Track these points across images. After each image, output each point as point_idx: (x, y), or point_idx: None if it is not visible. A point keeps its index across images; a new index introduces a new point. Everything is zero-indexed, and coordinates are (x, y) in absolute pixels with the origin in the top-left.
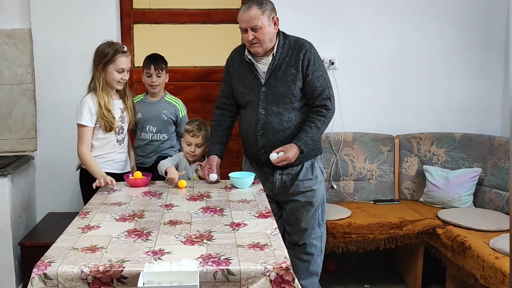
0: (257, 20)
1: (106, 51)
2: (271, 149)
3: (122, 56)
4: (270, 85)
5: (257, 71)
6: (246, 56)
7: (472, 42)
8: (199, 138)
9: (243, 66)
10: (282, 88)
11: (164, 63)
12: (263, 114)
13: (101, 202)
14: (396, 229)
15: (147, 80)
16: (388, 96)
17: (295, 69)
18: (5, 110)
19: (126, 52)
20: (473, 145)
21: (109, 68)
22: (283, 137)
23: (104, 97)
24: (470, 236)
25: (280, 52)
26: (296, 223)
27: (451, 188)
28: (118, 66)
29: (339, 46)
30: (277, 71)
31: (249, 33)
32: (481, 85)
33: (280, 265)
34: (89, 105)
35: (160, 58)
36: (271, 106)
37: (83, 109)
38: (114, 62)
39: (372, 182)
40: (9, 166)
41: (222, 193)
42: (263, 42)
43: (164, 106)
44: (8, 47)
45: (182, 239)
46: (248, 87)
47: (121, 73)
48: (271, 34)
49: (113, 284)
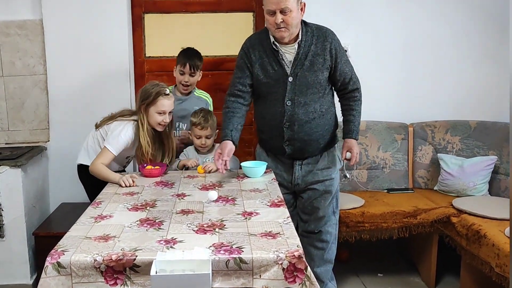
0: (288, 2)
1: (149, 93)
2: (296, 141)
3: (164, 98)
4: (297, 75)
5: (283, 59)
6: (273, 43)
7: (487, 28)
8: (208, 129)
9: (266, 54)
10: (310, 78)
11: (200, 60)
12: (289, 105)
13: (114, 192)
14: (410, 218)
15: (179, 78)
16: (401, 84)
17: (322, 58)
18: (17, 101)
19: (168, 94)
20: (489, 133)
21: (150, 110)
22: (308, 128)
23: (146, 139)
24: (485, 225)
25: (305, 40)
26: (313, 211)
27: (466, 176)
28: (159, 108)
29: (352, 34)
30: (304, 60)
31: (278, 16)
32: (496, 71)
33: (293, 253)
34: (128, 140)
35: (196, 55)
36: (298, 97)
37: (120, 141)
38: (155, 104)
39: (385, 171)
40: (22, 156)
41: (234, 182)
42: (290, 26)
43: (195, 102)
44: (20, 38)
45: (194, 228)
46: (272, 77)
47: (162, 115)
48: (298, 20)
49: (126, 273)
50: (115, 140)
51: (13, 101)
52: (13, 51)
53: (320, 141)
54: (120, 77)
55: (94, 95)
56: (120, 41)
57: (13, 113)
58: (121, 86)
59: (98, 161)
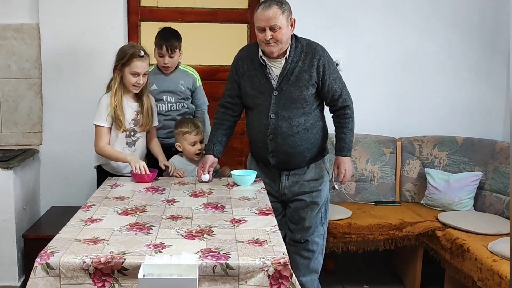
0: (277, 19)
1: (125, 53)
2: (280, 153)
3: (138, 60)
4: (282, 89)
5: (269, 74)
6: (261, 57)
7: (477, 46)
8: (200, 134)
9: (254, 67)
10: (294, 93)
11: (178, 39)
12: (273, 118)
13: (104, 196)
14: (396, 230)
15: (159, 61)
16: (391, 98)
17: (308, 75)
18: (11, 103)
19: (143, 56)
20: (475, 149)
21: (125, 70)
22: (292, 141)
23: (117, 98)
24: (469, 239)
25: (293, 56)
26: (300, 221)
27: (452, 191)
28: (133, 69)
29: (344, 47)
30: (290, 75)
31: (267, 33)
32: (485, 89)
33: (279, 260)
34: (105, 105)
35: (173, 35)
36: (282, 111)
37: (100, 110)
38: (129, 65)
39: (373, 184)
40: (14, 159)
41: (224, 190)
42: (280, 42)
43: (181, 76)
44: (16, 41)
45: (183, 233)
46: (259, 90)
47: (136, 76)
48: (288, 35)
49: (114, 276)
50: (97, 112)
51: (7, 103)
52: (8, 54)
53: (306, 154)
54: None
55: (88, 100)
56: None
57: (6, 115)
58: None
59: (99, 142)
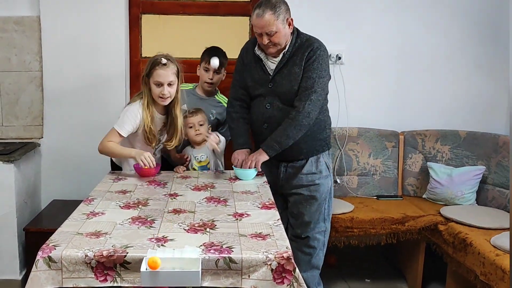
0: (272, 26)
1: (148, 63)
2: None
3: (160, 68)
4: (275, 81)
5: (265, 66)
6: (255, 51)
7: (479, 39)
8: (198, 115)
9: (254, 60)
10: (286, 86)
11: (225, 58)
12: (268, 108)
13: (106, 189)
14: (398, 224)
15: (203, 76)
16: (394, 92)
17: (299, 68)
18: (12, 97)
19: (165, 64)
20: (478, 143)
21: (150, 81)
22: None
23: (148, 114)
24: (472, 233)
25: (291, 51)
26: (299, 216)
27: (455, 185)
28: (155, 78)
29: (346, 41)
30: (283, 69)
31: (264, 38)
32: (488, 82)
33: (282, 254)
34: (134, 118)
35: (221, 53)
36: (276, 102)
37: (126, 119)
38: (152, 75)
39: (375, 178)
40: (15, 152)
41: (226, 184)
42: (278, 44)
43: (214, 106)
44: (17, 34)
45: (186, 227)
46: (257, 81)
47: (159, 86)
48: (286, 36)
49: (116, 269)
50: (121, 119)
51: (8, 96)
52: (9, 46)
53: (301, 145)
54: (116, 76)
55: (89, 93)
56: (117, 40)
57: (7, 108)
58: (117, 85)
59: (106, 139)
